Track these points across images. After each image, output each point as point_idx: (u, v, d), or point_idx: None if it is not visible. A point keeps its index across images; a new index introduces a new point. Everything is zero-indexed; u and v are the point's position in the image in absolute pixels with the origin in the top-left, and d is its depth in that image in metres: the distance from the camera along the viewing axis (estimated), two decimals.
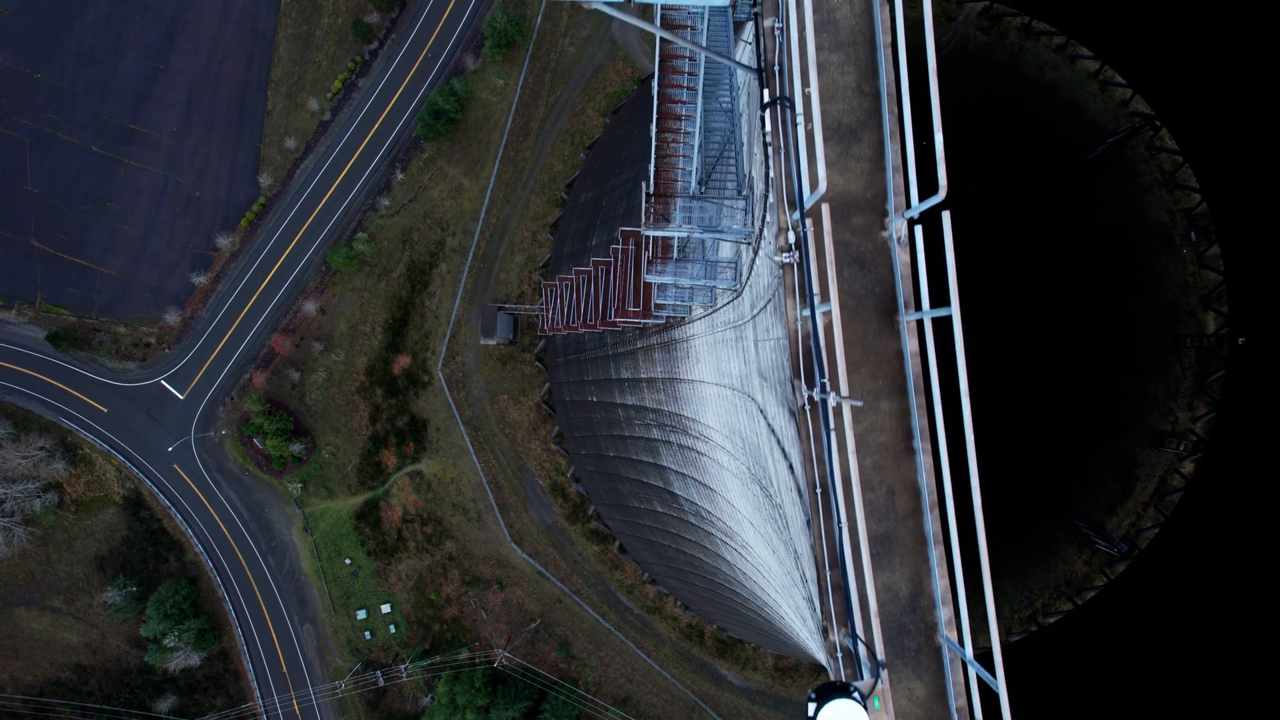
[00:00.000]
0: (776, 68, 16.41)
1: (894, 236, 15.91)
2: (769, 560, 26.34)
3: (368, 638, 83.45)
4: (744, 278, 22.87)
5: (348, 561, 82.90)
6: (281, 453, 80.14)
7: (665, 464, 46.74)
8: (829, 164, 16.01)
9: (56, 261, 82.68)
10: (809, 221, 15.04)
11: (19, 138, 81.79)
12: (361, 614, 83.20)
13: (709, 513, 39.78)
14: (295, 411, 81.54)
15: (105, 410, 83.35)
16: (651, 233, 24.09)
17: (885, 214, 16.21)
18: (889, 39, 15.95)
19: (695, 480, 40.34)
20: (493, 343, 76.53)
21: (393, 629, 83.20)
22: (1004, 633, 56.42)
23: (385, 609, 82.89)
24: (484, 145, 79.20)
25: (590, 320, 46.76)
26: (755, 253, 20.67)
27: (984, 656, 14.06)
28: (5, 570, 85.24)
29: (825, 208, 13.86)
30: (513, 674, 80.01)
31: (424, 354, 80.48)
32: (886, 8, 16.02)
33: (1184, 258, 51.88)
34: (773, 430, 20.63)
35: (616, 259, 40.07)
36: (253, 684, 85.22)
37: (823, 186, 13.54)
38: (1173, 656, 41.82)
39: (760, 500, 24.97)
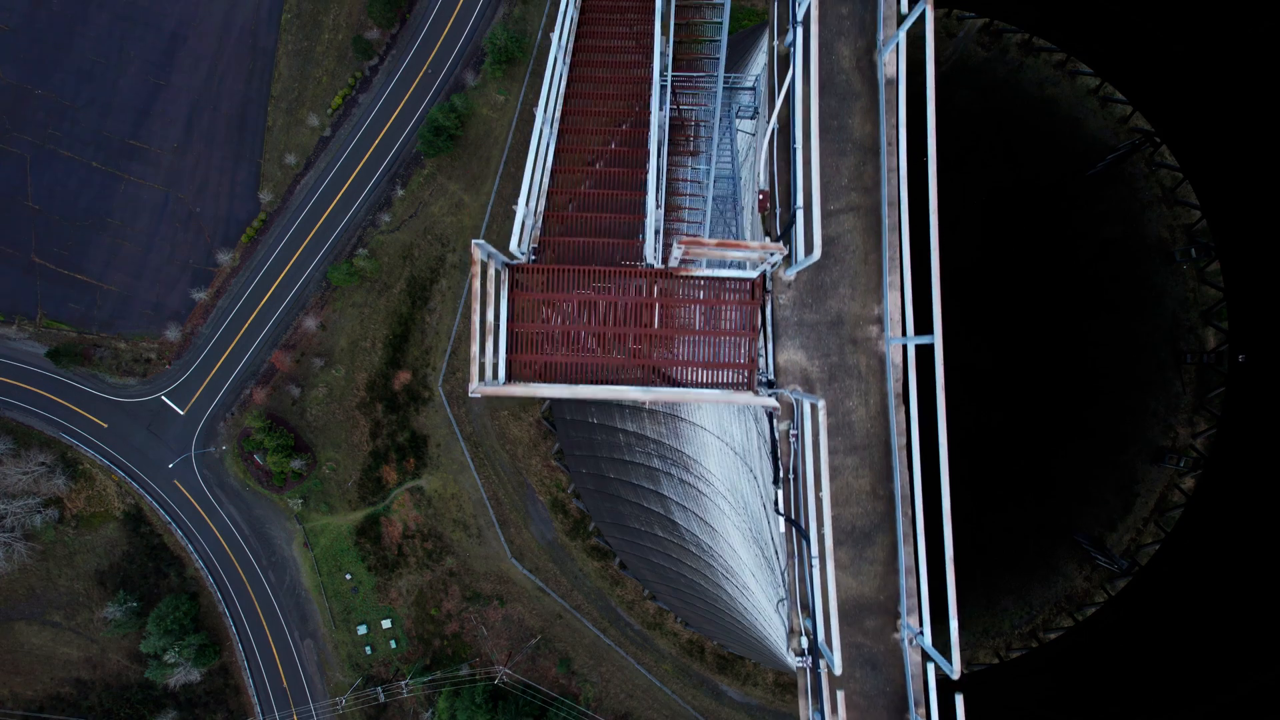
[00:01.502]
0: (791, 474, 16.45)
1: (906, 640, 16.00)
2: (770, 613, 26.21)
3: (368, 653, 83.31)
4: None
5: (348, 577, 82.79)
6: (282, 468, 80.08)
7: (666, 494, 46.49)
8: (841, 567, 16.22)
9: (57, 277, 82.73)
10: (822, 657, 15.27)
11: (19, 153, 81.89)
12: (362, 629, 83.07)
13: (710, 547, 39.59)
14: (296, 427, 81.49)
15: (106, 426, 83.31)
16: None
17: (898, 615, 16.27)
18: (904, 441, 15.96)
19: (697, 516, 40.15)
20: None
21: (393, 644, 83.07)
22: (1004, 648, 56.29)
23: (386, 624, 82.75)
24: (484, 161, 79.27)
25: None
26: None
27: None
28: (5, 585, 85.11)
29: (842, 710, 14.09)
30: (513, 690, 79.86)
31: (425, 370, 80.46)
32: (901, 410, 16.09)
33: (1184, 274, 51.85)
34: (774, 543, 20.70)
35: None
36: (253, 699, 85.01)
37: (837, 670, 13.79)
38: (1172, 682, 41.67)
39: (761, 560, 24.88)
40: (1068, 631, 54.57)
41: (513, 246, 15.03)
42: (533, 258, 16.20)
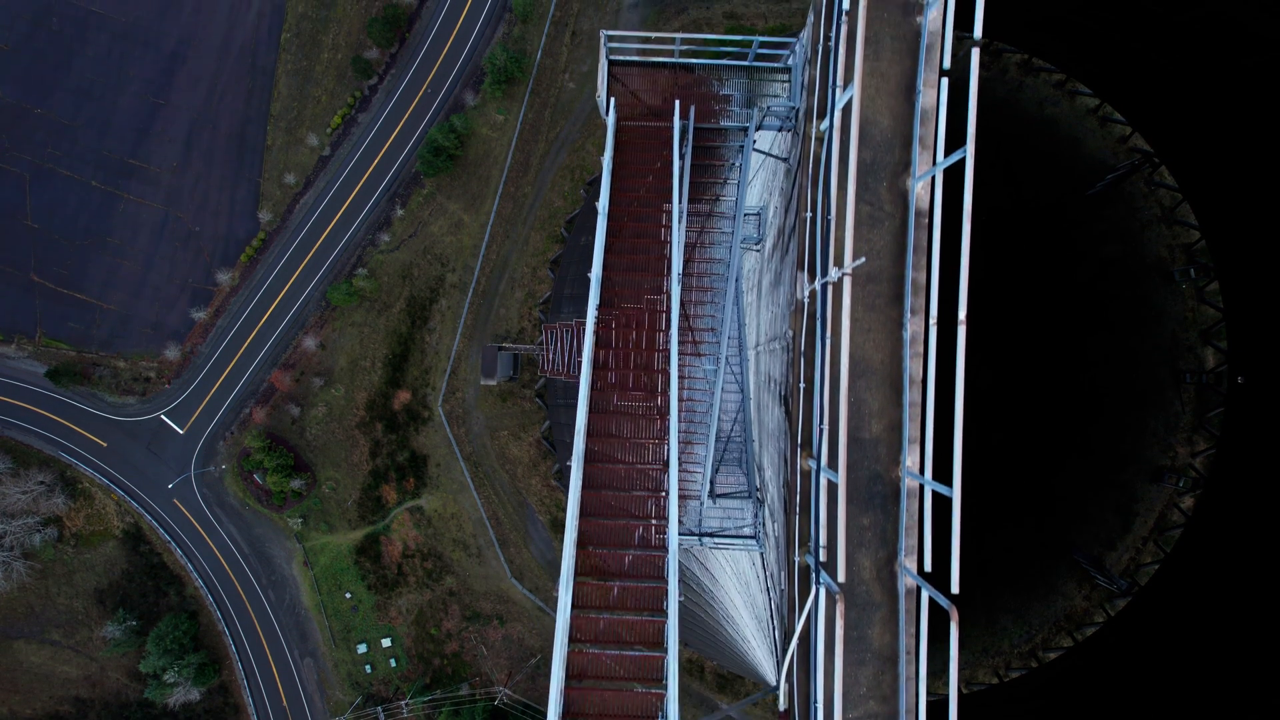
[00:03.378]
0: None
1: None
2: (770, 665, 26.07)
3: (368, 672, 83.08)
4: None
5: (348, 596, 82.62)
6: (282, 488, 79.96)
7: None
8: None
9: (56, 296, 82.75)
10: None
11: (19, 173, 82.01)
12: (362, 648, 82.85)
13: (710, 591, 39.43)
14: (295, 446, 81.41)
15: (105, 445, 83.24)
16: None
17: None
18: None
19: (697, 559, 40.06)
20: (493, 383, 76.39)
21: (393, 663, 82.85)
22: (1003, 668, 56.19)
23: (386, 643, 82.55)
24: (484, 181, 79.27)
25: None
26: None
27: None
28: (4, 604, 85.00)
29: None
30: (513, 710, 79.60)
31: (424, 389, 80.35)
32: None
33: (1183, 293, 51.95)
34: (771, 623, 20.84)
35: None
36: (253, 718, 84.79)
37: None
38: (1171, 711, 41.58)
39: (759, 631, 24.82)
40: (1067, 652, 54.47)
41: None
42: None
